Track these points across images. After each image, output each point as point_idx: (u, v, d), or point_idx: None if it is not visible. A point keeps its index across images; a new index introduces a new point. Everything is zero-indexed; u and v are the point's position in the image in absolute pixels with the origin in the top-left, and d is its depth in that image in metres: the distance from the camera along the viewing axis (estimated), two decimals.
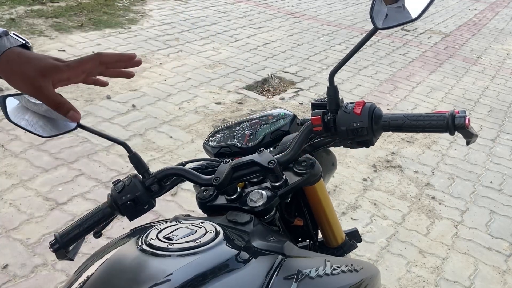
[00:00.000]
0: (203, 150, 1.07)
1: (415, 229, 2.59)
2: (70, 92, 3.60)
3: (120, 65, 0.87)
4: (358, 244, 1.06)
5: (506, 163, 3.39)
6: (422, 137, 3.60)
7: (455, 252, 2.46)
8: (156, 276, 0.63)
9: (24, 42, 0.79)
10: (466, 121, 0.75)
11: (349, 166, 3.11)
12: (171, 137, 3.20)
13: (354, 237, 1.06)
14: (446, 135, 3.61)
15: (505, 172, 3.27)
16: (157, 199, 0.88)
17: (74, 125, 0.87)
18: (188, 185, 2.65)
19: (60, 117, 0.88)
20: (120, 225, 2.28)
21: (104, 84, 0.92)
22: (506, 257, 2.47)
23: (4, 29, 0.80)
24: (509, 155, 3.51)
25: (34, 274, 2.03)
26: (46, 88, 0.77)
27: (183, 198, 2.58)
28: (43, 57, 0.79)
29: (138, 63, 0.89)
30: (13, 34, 0.80)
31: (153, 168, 0.88)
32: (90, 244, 2.10)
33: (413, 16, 0.79)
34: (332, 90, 0.84)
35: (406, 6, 0.79)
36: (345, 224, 2.03)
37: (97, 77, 0.89)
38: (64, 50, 4.38)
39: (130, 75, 0.91)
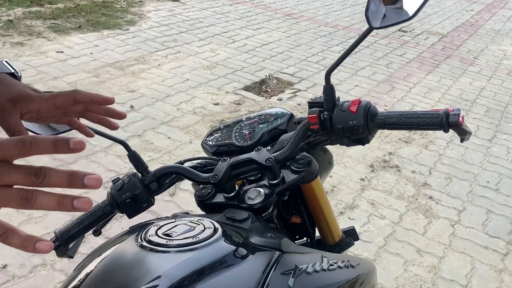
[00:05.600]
0: (201, 150, 1.08)
1: (413, 229, 2.61)
2: None
3: (97, 108, 0.83)
4: (355, 243, 1.07)
5: (502, 163, 3.41)
6: (419, 137, 3.62)
7: (452, 251, 2.47)
8: (156, 271, 0.64)
9: (13, 71, 0.80)
10: (460, 119, 0.76)
11: (347, 166, 3.12)
12: (169, 137, 3.21)
13: (351, 235, 1.08)
14: (443, 135, 3.63)
15: (501, 171, 3.29)
16: (155, 199, 0.89)
17: None
18: (186, 185, 2.66)
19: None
20: (119, 225, 2.28)
21: (88, 135, 0.86)
22: (503, 256, 2.48)
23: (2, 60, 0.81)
24: (506, 155, 3.53)
25: (33, 274, 2.03)
26: (9, 114, 0.76)
27: (181, 198, 2.59)
28: (21, 86, 0.78)
29: (114, 113, 0.84)
30: (5, 61, 0.82)
31: (152, 168, 0.89)
32: (88, 244, 2.11)
33: (409, 15, 0.80)
34: (329, 88, 0.85)
35: (403, 6, 0.81)
36: (342, 224, 2.04)
37: (83, 124, 0.85)
38: (62, 52, 4.39)
39: (113, 127, 0.86)
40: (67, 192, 0.47)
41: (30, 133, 0.85)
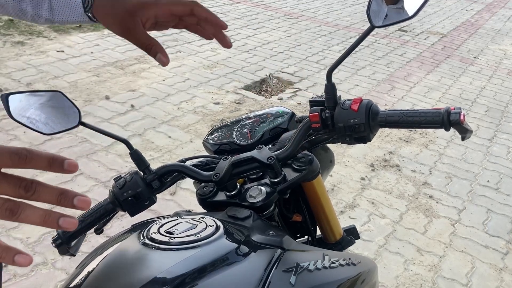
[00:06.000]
0: (202, 149, 1.09)
1: (413, 228, 2.61)
2: (69, 93, 3.61)
3: (208, 27, 0.80)
4: (356, 242, 1.07)
5: (503, 162, 3.42)
6: (419, 136, 3.62)
7: (452, 250, 2.48)
8: (158, 269, 0.64)
9: None
10: (461, 117, 0.77)
11: (347, 165, 3.12)
12: (170, 137, 3.21)
13: (352, 233, 1.08)
14: (444, 134, 3.63)
15: (502, 171, 3.29)
16: (157, 197, 0.90)
17: (76, 122, 0.88)
18: (187, 184, 2.66)
19: (62, 114, 0.90)
20: (120, 224, 2.29)
21: (208, 38, 0.82)
22: (503, 255, 2.49)
23: None
24: (506, 155, 3.54)
25: (35, 272, 2.04)
26: (134, 29, 0.73)
27: (182, 197, 2.59)
28: None
29: (222, 39, 0.80)
30: None
31: (153, 167, 0.90)
32: (89, 243, 2.11)
33: (409, 14, 0.80)
34: (330, 87, 0.85)
35: (404, 5, 0.81)
36: (343, 223, 2.04)
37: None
38: (62, 51, 4.40)
39: (226, 44, 0.81)
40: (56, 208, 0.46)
41: (30, 135, 0.85)
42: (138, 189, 0.85)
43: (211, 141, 1.05)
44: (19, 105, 0.87)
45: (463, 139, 0.80)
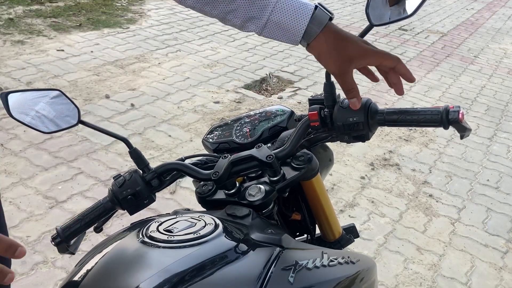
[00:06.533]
0: (201, 148, 1.09)
1: (413, 227, 2.61)
2: (70, 92, 3.61)
3: (395, 77, 0.84)
4: (356, 240, 1.07)
5: (502, 161, 3.42)
6: (419, 135, 3.62)
7: (452, 249, 2.48)
8: (157, 267, 0.65)
9: (331, 15, 0.78)
10: (460, 116, 0.77)
11: (347, 164, 3.12)
12: (170, 136, 3.21)
13: (351, 232, 1.08)
14: (443, 133, 3.63)
15: (501, 170, 3.29)
16: (156, 197, 0.90)
17: (76, 121, 0.89)
18: (187, 183, 2.67)
19: (62, 113, 0.90)
20: (119, 223, 2.29)
21: (387, 83, 0.87)
22: (503, 254, 2.49)
23: (317, 2, 0.79)
24: (506, 153, 3.54)
25: (35, 271, 2.04)
26: (347, 73, 0.78)
27: (182, 196, 2.59)
28: (354, 40, 0.78)
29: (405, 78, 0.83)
30: (319, 5, 0.78)
31: (153, 166, 0.90)
32: (89, 242, 2.11)
33: (408, 13, 0.80)
34: (329, 86, 0.85)
35: (403, 4, 0.81)
36: (343, 222, 2.04)
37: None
38: (62, 50, 4.39)
39: (400, 92, 0.86)
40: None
41: (30, 133, 0.85)
42: (137, 188, 0.85)
43: (210, 140, 1.05)
44: (19, 104, 0.87)
45: (462, 137, 0.80)
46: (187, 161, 0.93)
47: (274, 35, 0.79)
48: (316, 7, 0.78)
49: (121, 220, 2.31)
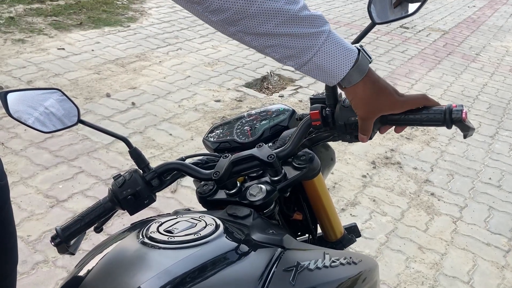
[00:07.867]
0: (202, 147, 1.08)
1: (414, 225, 2.60)
2: (70, 90, 3.61)
3: None
4: (357, 240, 1.06)
5: (504, 159, 3.40)
6: (421, 134, 3.61)
7: (454, 248, 2.47)
8: (157, 268, 0.64)
9: (370, 60, 0.79)
10: (463, 115, 0.76)
11: (348, 163, 3.12)
12: (170, 134, 3.20)
13: (353, 231, 1.07)
14: (445, 132, 3.62)
15: (503, 168, 3.28)
16: (157, 196, 0.89)
17: (75, 120, 0.88)
18: (187, 182, 2.66)
19: (61, 112, 0.89)
20: (120, 222, 2.28)
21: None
22: (505, 253, 2.48)
23: (358, 45, 0.77)
24: (508, 152, 3.52)
25: (35, 270, 2.04)
26: (372, 120, 0.80)
27: (183, 195, 2.59)
28: (388, 92, 0.79)
29: None
30: (361, 48, 0.77)
31: (153, 165, 0.89)
32: (90, 241, 2.11)
33: (410, 11, 0.80)
34: None
35: (405, 3, 0.80)
36: (344, 221, 2.04)
37: None
38: (63, 49, 4.39)
39: None
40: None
41: (31, 132, 0.85)
42: (137, 188, 0.85)
43: (211, 139, 1.05)
44: (18, 103, 0.87)
45: (465, 137, 0.80)
46: (187, 161, 0.92)
47: (311, 74, 0.77)
48: (359, 51, 0.76)
49: (122, 219, 2.31)
